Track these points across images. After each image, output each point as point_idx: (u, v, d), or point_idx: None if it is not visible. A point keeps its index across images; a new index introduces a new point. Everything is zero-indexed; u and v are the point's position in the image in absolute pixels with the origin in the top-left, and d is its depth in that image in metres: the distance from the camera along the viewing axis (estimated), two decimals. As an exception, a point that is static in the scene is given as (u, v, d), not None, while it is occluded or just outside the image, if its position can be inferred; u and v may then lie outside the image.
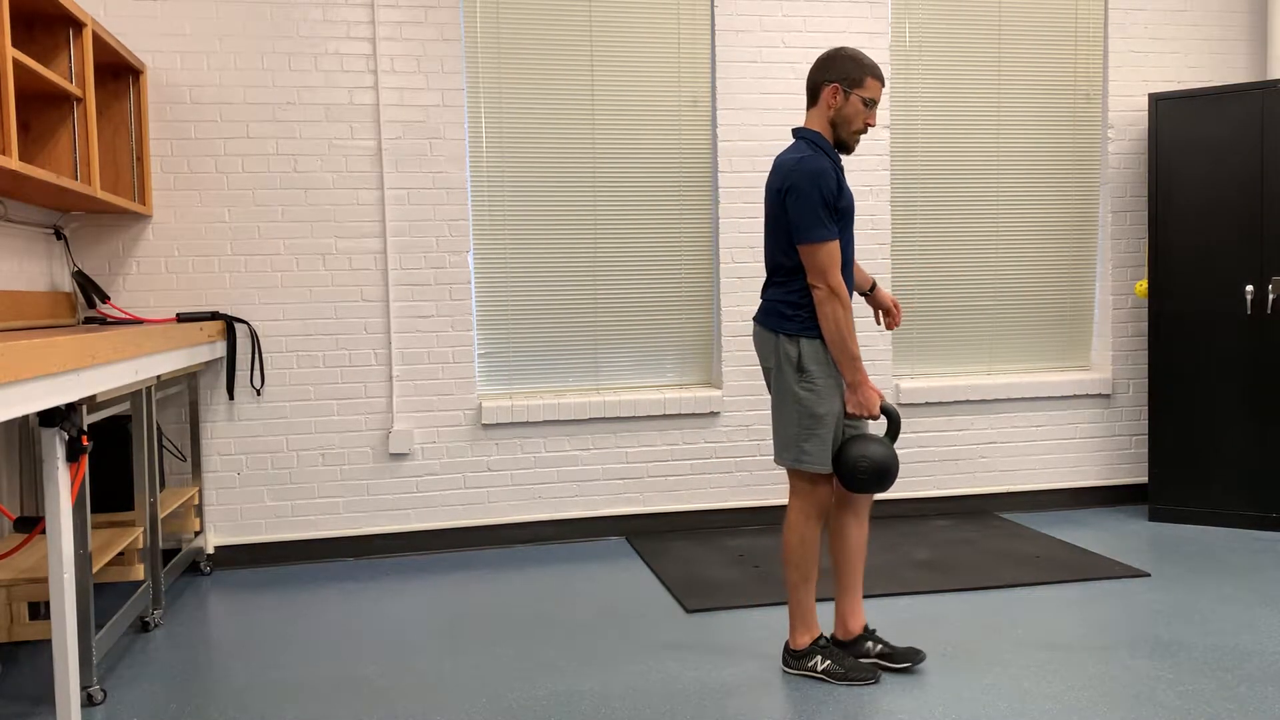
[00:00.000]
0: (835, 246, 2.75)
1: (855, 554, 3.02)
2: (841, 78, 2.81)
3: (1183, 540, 4.42)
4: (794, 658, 3.00)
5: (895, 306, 3.12)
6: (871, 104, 2.82)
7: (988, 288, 5.11)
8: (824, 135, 2.85)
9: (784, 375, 2.86)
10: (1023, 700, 2.78)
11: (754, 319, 2.96)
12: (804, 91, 4.75)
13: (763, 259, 4.74)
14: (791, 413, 2.86)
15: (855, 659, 2.98)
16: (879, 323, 3.17)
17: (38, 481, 3.75)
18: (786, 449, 2.89)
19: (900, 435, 2.81)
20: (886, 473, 2.82)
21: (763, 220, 4.75)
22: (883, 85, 2.85)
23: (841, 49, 2.84)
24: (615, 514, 4.68)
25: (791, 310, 2.84)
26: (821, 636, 3.01)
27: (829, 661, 2.95)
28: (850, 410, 2.85)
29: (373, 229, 4.41)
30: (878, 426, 3.40)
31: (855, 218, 2.84)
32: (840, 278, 2.76)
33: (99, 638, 2.93)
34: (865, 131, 2.86)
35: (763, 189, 4.73)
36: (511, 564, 4.30)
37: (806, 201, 2.72)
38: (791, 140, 2.95)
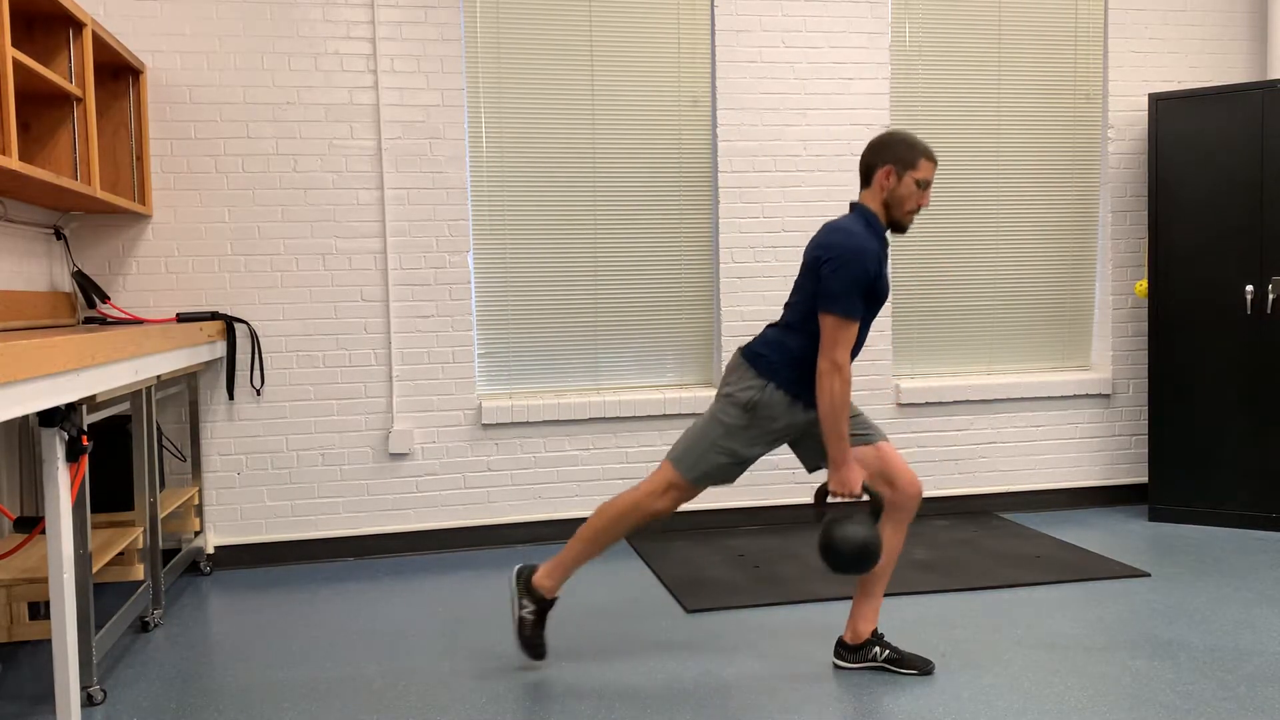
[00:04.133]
0: (854, 328, 2.78)
1: (886, 561, 3.00)
2: (895, 160, 2.83)
3: (1183, 540, 4.42)
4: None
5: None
6: (924, 185, 2.84)
7: (988, 288, 5.11)
8: (878, 215, 2.88)
9: (731, 408, 2.90)
10: (1023, 700, 2.78)
11: (740, 349, 2.96)
12: (804, 92, 4.75)
13: (763, 258, 4.76)
14: (715, 433, 2.91)
15: None
16: None
17: (38, 481, 3.75)
18: (685, 454, 2.94)
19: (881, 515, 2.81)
20: (868, 555, 2.76)
21: (765, 221, 4.77)
22: (935, 165, 2.88)
23: (894, 132, 2.87)
24: (615, 514, 4.67)
25: (779, 359, 2.88)
26: None
27: None
28: (832, 489, 2.83)
29: (373, 229, 4.41)
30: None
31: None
32: (848, 356, 2.79)
33: (99, 638, 2.93)
34: (918, 212, 2.87)
35: (763, 189, 4.74)
36: (511, 564, 4.30)
37: (844, 276, 2.74)
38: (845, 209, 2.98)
